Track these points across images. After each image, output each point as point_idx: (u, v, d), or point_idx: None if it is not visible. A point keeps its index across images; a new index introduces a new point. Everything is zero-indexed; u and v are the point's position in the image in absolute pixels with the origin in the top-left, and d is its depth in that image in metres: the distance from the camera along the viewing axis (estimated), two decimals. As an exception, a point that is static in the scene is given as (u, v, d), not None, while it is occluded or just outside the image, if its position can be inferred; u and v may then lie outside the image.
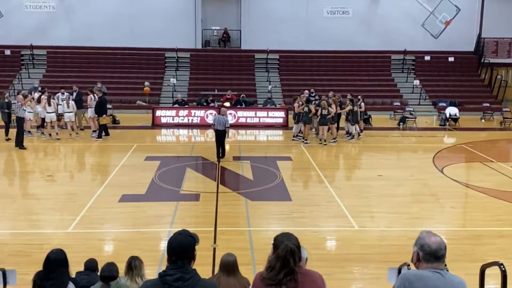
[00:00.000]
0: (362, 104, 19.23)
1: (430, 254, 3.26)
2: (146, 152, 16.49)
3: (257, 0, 28.86)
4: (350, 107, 18.60)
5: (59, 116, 19.10)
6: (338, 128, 19.24)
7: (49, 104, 18.09)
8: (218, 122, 15.48)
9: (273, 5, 28.73)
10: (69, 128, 18.71)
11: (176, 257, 3.28)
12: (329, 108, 18.01)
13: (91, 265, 5.92)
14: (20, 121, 16.90)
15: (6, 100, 18.03)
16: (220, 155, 15.52)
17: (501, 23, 28.82)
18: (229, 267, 4.92)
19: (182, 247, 3.31)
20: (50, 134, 18.25)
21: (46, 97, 18.50)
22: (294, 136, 18.83)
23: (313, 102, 19.09)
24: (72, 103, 18.83)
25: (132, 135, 19.77)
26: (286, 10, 28.55)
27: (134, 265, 5.52)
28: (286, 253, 3.46)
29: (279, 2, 28.77)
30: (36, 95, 19.41)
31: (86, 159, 16.36)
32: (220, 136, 15.52)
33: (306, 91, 21.16)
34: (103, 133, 18.54)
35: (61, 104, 18.91)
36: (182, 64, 28.27)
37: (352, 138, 18.87)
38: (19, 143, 16.54)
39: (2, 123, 18.23)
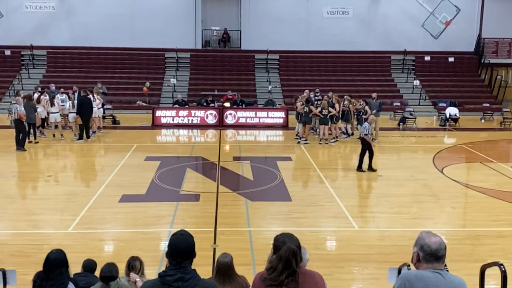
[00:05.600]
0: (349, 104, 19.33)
1: (430, 255, 3.26)
2: (146, 152, 16.49)
3: (257, 0, 28.87)
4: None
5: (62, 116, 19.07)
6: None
7: (53, 104, 18.05)
8: (361, 130, 14.91)
9: (273, 5, 28.74)
10: (74, 128, 18.72)
11: (182, 257, 3.28)
12: (330, 108, 18.06)
13: (90, 265, 5.88)
14: (18, 122, 16.57)
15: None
16: (357, 165, 14.36)
17: (501, 23, 28.81)
18: (224, 269, 4.88)
19: (189, 248, 3.31)
20: (54, 135, 18.24)
21: (45, 98, 18.43)
22: (296, 135, 18.80)
23: (316, 103, 19.12)
24: (75, 103, 18.79)
25: (132, 135, 19.76)
26: (286, 10, 28.56)
27: (133, 266, 5.52)
28: (289, 255, 3.46)
29: (279, 2, 28.79)
30: (36, 95, 19.38)
31: (86, 159, 16.35)
32: (362, 145, 14.42)
33: (307, 91, 21.14)
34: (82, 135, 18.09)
35: (63, 104, 18.90)
36: (182, 64, 28.27)
37: (348, 136, 19.26)
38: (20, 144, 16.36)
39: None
